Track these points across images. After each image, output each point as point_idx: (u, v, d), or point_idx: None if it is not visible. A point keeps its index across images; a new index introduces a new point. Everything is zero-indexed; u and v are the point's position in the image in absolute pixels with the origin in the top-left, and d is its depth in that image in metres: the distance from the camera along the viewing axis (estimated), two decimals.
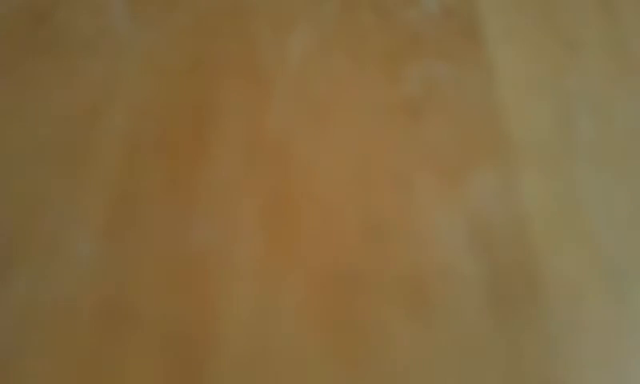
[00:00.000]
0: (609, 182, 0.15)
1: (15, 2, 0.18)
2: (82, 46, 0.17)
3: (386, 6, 0.18)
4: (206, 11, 0.18)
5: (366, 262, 0.14)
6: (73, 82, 0.16)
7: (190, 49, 0.17)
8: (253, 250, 0.14)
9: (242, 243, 0.14)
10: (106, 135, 0.15)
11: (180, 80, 0.16)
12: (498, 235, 0.14)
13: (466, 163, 0.15)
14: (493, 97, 0.16)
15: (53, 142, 0.15)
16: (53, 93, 0.16)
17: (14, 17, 0.17)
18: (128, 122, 0.15)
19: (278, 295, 0.13)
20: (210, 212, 0.14)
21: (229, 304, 0.13)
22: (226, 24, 0.17)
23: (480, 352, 0.13)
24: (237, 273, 0.13)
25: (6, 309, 0.13)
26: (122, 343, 0.12)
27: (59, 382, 0.12)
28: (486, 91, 0.16)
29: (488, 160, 0.15)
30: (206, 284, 0.13)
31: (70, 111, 0.16)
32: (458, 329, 0.13)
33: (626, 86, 0.16)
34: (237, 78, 0.16)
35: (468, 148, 0.15)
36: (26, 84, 0.16)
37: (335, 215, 0.14)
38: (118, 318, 0.13)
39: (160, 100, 0.16)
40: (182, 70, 0.16)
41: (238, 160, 0.15)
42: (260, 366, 0.12)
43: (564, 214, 0.14)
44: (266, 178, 0.15)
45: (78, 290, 0.13)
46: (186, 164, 0.15)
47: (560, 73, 0.17)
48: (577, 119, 0.16)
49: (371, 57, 0.17)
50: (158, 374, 0.12)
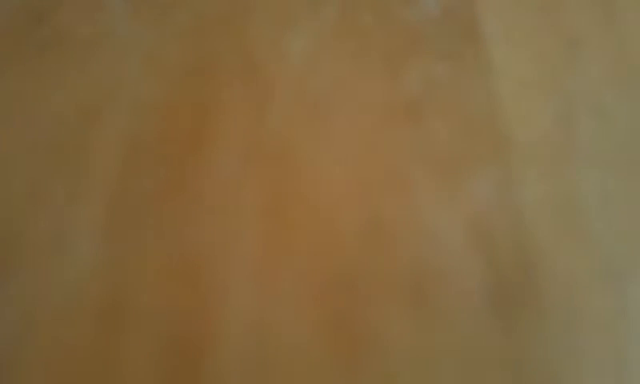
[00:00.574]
0: (609, 182, 0.15)
1: (15, 2, 0.18)
2: (82, 46, 0.17)
3: (386, 6, 0.18)
4: (206, 11, 0.18)
5: (365, 262, 0.14)
6: (73, 82, 0.16)
7: (190, 49, 0.17)
8: (253, 250, 0.14)
9: (241, 243, 0.14)
10: (106, 135, 0.15)
11: (180, 80, 0.16)
12: (497, 235, 0.14)
13: (466, 163, 0.15)
14: (493, 97, 0.16)
15: (53, 141, 0.15)
16: (53, 93, 0.16)
17: (13, 17, 0.17)
18: (128, 121, 0.15)
19: (277, 295, 0.13)
20: (210, 212, 0.14)
21: (228, 304, 0.13)
22: (226, 24, 0.17)
23: (480, 352, 0.13)
24: (237, 273, 0.13)
25: (6, 309, 0.13)
26: (122, 343, 0.12)
27: (59, 382, 0.12)
28: (486, 91, 0.16)
29: (488, 160, 0.15)
30: (206, 284, 0.13)
31: (70, 111, 0.16)
32: (457, 329, 0.13)
33: (626, 86, 0.16)
34: (237, 77, 0.16)
35: (468, 148, 0.15)
36: (26, 84, 0.16)
37: (335, 215, 0.14)
38: (117, 317, 0.13)
39: (160, 100, 0.16)
40: (182, 70, 0.16)
41: (237, 160, 0.15)
42: (260, 366, 0.12)
43: (564, 214, 0.14)
44: (266, 178, 0.15)
45: (77, 290, 0.13)
46: (186, 164, 0.15)
47: (560, 73, 0.17)
48: (577, 119, 0.16)
49: (371, 57, 0.17)
50: (157, 374, 0.12)
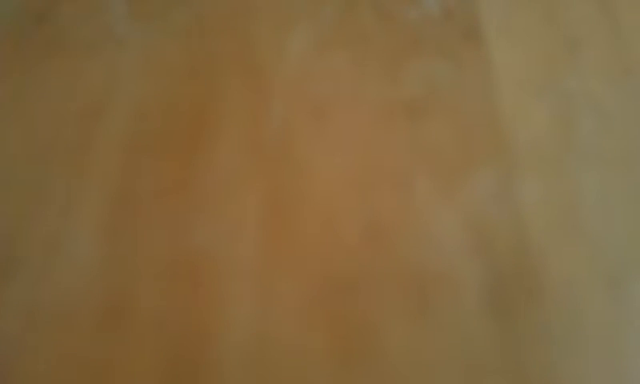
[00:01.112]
0: (609, 182, 0.15)
1: (15, 2, 0.18)
2: (82, 46, 0.17)
3: (386, 6, 0.18)
4: (206, 11, 0.18)
5: (365, 262, 0.14)
6: (73, 81, 0.16)
7: (190, 49, 0.17)
8: (252, 250, 0.14)
9: (241, 243, 0.14)
10: (106, 135, 0.15)
11: (180, 80, 0.16)
12: (497, 235, 0.14)
13: (465, 163, 0.15)
14: (493, 97, 0.16)
15: (53, 141, 0.15)
16: (53, 93, 0.16)
17: (13, 17, 0.17)
18: (128, 121, 0.15)
19: (277, 296, 0.13)
20: (210, 212, 0.14)
21: (228, 304, 0.13)
22: (226, 24, 0.17)
23: (480, 353, 0.13)
24: (236, 273, 0.13)
25: (6, 309, 0.13)
26: (122, 343, 0.12)
27: (59, 382, 0.12)
28: (486, 91, 0.16)
29: (488, 160, 0.15)
30: (206, 284, 0.13)
31: (70, 111, 0.16)
32: (457, 329, 0.13)
33: (626, 86, 0.16)
34: (237, 77, 0.16)
35: (468, 148, 0.15)
36: (26, 84, 0.16)
37: (335, 215, 0.14)
38: (117, 317, 0.13)
39: (160, 100, 0.16)
40: (182, 70, 0.16)
41: (237, 160, 0.15)
42: (259, 366, 0.12)
43: (564, 214, 0.14)
44: (266, 178, 0.15)
45: (77, 290, 0.13)
46: (186, 164, 0.15)
47: (560, 73, 0.17)
48: (577, 119, 0.16)
49: (371, 57, 0.17)
50: (157, 374, 0.12)
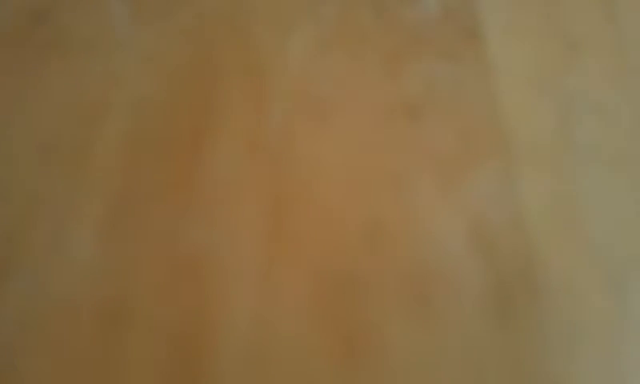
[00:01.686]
0: (609, 181, 0.15)
1: (15, 2, 0.18)
2: (82, 46, 0.17)
3: (386, 5, 0.18)
4: (206, 11, 0.18)
5: (365, 262, 0.14)
6: (73, 81, 0.16)
7: (190, 49, 0.17)
8: (253, 250, 0.14)
9: (241, 243, 0.14)
10: (106, 135, 0.15)
11: (180, 80, 0.16)
12: (497, 235, 0.14)
13: (465, 163, 0.15)
14: (493, 97, 0.16)
15: (52, 141, 0.15)
16: (52, 93, 0.16)
17: (14, 17, 0.17)
18: (128, 121, 0.15)
19: (277, 296, 0.13)
20: (210, 212, 0.14)
21: (229, 304, 0.13)
22: (226, 24, 0.17)
23: (480, 352, 0.13)
24: (237, 273, 0.13)
25: (6, 309, 0.13)
26: (122, 343, 0.12)
27: (59, 382, 0.12)
28: (486, 91, 0.16)
29: (488, 160, 0.15)
30: (206, 284, 0.13)
31: (70, 111, 0.16)
32: (458, 329, 0.13)
33: (626, 86, 0.16)
34: (237, 77, 0.16)
35: (468, 148, 0.15)
36: (26, 84, 0.16)
37: (335, 215, 0.14)
38: (117, 317, 0.13)
39: (160, 100, 0.16)
40: (182, 70, 0.16)
41: (237, 160, 0.15)
42: (260, 366, 0.12)
43: (564, 214, 0.14)
44: (266, 178, 0.15)
45: (77, 290, 0.13)
46: (186, 164, 0.15)
47: (560, 73, 0.17)
48: (577, 119, 0.16)
49: (371, 57, 0.17)
50: (157, 374, 0.12)
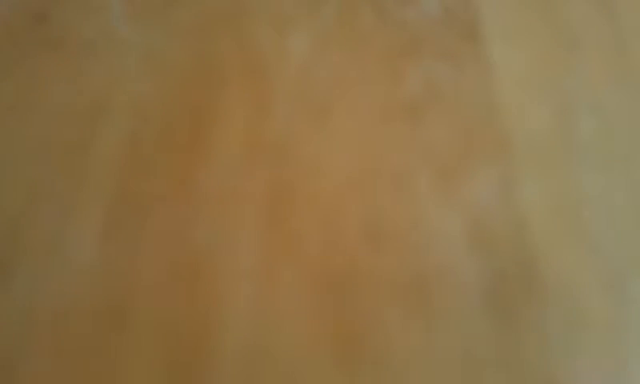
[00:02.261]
0: (609, 181, 0.15)
1: (15, 2, 0.18)
2: (82, 46, 0.17)
3: (386, 6, 0.18)
4: (206, 11, 0.18)
5: (365, 261, 0.14)
6: (73, 81, 0.16)
7: (190, 49, 0.17)
8: (253, 250, 0.14)
9: (241, 242, 0.14)
10: (106, 135, 0.15)
11: (180, 80, 0.16)
12: (497, 235, 0.14)
13: (465, 163, 0.15)
14: (493, 97, 0.16)
15: (53, 141, 0.15)
16: (53, 93, 0.16)
17: (13, 17, 0.17)
18: (128, 121, 0.15)
19: (277, 295, 0.13)
20: (210, 212, 0.14)
21: (229, 304, 0.13)
22: (226, 24, 0.17)
23: (480, 352, 0.13)
24: (237, 273, 0.13)
25: (6, 309, 0.13)
26: (122, 343, 0.12)
27: (59, 382, 0.12)
28: (486, 91, 0.16)
29: (488, 160, 0.15)
30: (206, 284, 0.13)
31: (70, 111, 0.16)
32: (457, 328, 0.13)
33: (626, 86, 0.16)
34: (237, 77, 0.16)
35: (468, 148, 0.15)
36: (26, 84, 0.16)
37: (335, 215, 0.14)
38: (117, 317, 0.13)
39: (160, 100, 0.16)
40: (181, 70, 0.16)
41: (238, 160, 0.15)
42: (260, 366, 0.12)
43: (564, 214, 0.14)
44: (266, 178, 0.15)
45: (77, 290, 0.13)
46: (186, 164, 0.15)
47: (560, 73, 0.17)
48: (577, 119, 0.16)
49: (371, 57, 0.17)
50: (157, 374, 0.12)
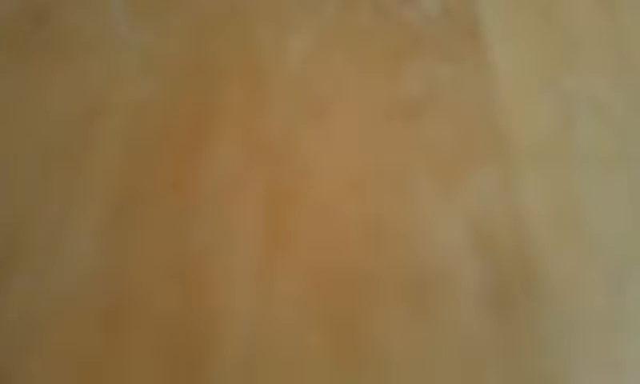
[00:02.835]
0: (609, 182, 0.15)
1: (15, 2, 0.18)
2: (81, 46, 0.17)
3: (386, 6, 0.18)
4: (206, 11, 0.18)
5: (365, 262, 0.14)
6: (73, 81, 0.16)
7: (190, 49, 0.17)
8: (252, 250, 0.14)
9: (241, 243, 0.14)
10: (106, 135, 0.15)
11: (180, 80, 0.16)
12: (497, 235, 0.14)
13: (465, 163, 0.15)
14: (493, 97, 0.16)
15: (53, 141, 0.15)
16: (53, 93, 0.16)
17: (13, 17, 0.17)
18: (128, 121, 0.15)
19: (277, 296, 0.13)
20: (210, 212, 0.14)
21: (229, 304, 0.13)
22: (226, 24, 0.17)
23: (480, 352, 0.13)
24: (236, 272, 0.13)
25: (6, 309, 0.13)
26: (122, 343, 0.12)
27: (59, 382, 0.12)
28: (486, 91, 0.16)
29: (488, 160, 0.15)
30: (206, 284, 0.13)
31: (70, 111, 0.16)
32: (456, 328, 0.13)
33: (626, 86, 0.16)
34: (237, 77, 0.16)
35: (468, 148, 0.15)
36: (26, 84, 0.16)
37: (335, 215, 0.14)
38: (117, 317, 0.13)
39: (160, 100, 0.16)
40: (181, 70, 0.16)
41: (237, 160, 0.15)
42: (260, 366, 0.12)
43: (564, 214, 0.14)
44: (266, 178, 0.15)
45: (77, 290, 0.13)
46: (186, 164, 0.15)
47: (560, 73, 0.17)
48: (577, 119, 0.16)
49: (371, 57, 0.17)
50: (158, 374, 0.12)
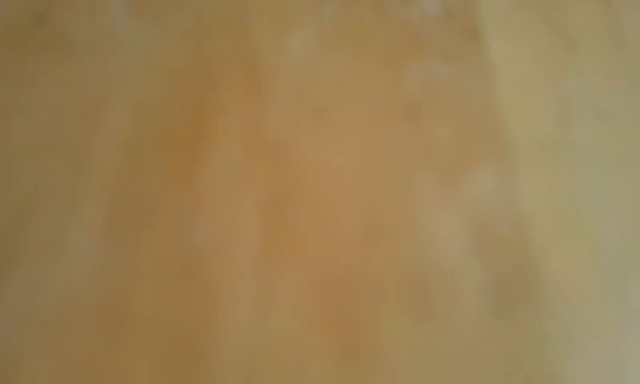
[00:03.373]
0: (609, 182, 0.15)
1: (15, 2, 0.18)
2: (82, 46, 0.17)
3: (386, 5, 0.18)
4: (206, 11, 0.18)
5: (365, 262, 0.14)
6: (73, 81, 0.16)
7: (190, 49, 0.17)
8: (253, 250, 0.14)
9: (241, 243, 0.14)
10: (106, 135, 0.15)
11: (180, 80, 0.16)
12: (497, 235, 0.14)
13: (465, 163, 0.15)
14: (493, 97, 0.16)
15: (52, 141, 0.15)
16: (53, 93, 0.16)
17: (13, 17, 0.17)
18: (128, 121, 0.15)
19: (277, 295, 0.13)
20: (210, 212, 0.14)
21: (228, 304, 0.13)
22: (226, 24, 0.17)
23: (480, 352, 0.13)
24: (236, 273, 0.13)
25: (5, 309, 0.13)
26: (122, 343, 0.12)
27: (59, 382, 0.12)
28: (486, 91, 0.16)
29: (488, 160, 0.15)
30: (206, 284, 0.13)
31: (70, 111, 0.16)
32: (457, 329, 0.13)
33: (626, 86, 0.16)
34: (237, 77, 0.16)
35: (468, 148, 0.15)
36: (26, 84, 0.16)
37: (335, 215, 0.14)
38: (117, 317, 0.13)
39: (160, 100, 0.16)
40: (181, 70, 0.16)
41: (237, 160, 0.15)
42: (260, 366, 0.12)
43: (564, 214, 0.14)
44: (266, 177, 0.15)
45: (77, 290, 0.13)
46: (186, 164, 0.15)
47: (560, 73, 0.17)
48: (577, 119, 0.16)
49: (371, 57, 0.17)
50: (157, 374, 0.12)
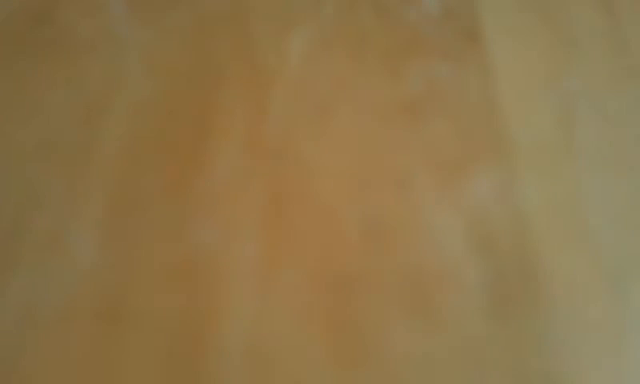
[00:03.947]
0: (609, 182, 0.15)
1: (15, 2, 0.18)
2: (82, 46, 0.17)
3: (386, 5, 0.18)
4: (206, 11, 0.18)
5: (365, 262, 0.14)
6: (73, 81, 0.16)
7: (190, 49, 0.17)
8: (253, 250, 0.14)
9: (241, 243, 0.14)
10: (106, 135, 0.15)
11: (180, 80, 0.16)
12: (497, 235, 0.14)
13: (465, 163, 0.15)
14: (493, 97, 0.16)
15: (52, 141, 0.15)
16: (53, 93, 0.16)
17: (13, 17, 0.17)
18: (128, 122, 0.15)
19: (277, 296, 0.13)
20: (210, 212, 0.14)
21: (228, 304, 0.13)
22: (226, 24, 0.17)
23: (480, 352, 0.13)
24: (237, 272, 0.13)
25: (5, 309, 0.13)
26: (122, 343, 0.12)
27: (59, 382, 0.12)
28: (486, 91, 0.16)
29: (488, 160, 0.15)
30: (206, 284, 0.13)
31: (70, 111, 0.16)
32: (457, 329, 0.13)
33: (626, 86, 0.16)
34: (237, 77, 0.16)
35: (468, 148, 0.15)
36: (26, 84, 0.16)
37: (335, 215, 0.14)
38: (117, 317, 0.13)
39: (160, 100, 0.16)
40: (181, 70, 0.16)
41: (237, 160, 0.15)
42: (260, 366, 0.12)
43: (564, 214, 0.14)
44: (266, 177, 0.15)
45: (77, 290, 0.13)
46: (186, 164, 0.15)
47: (560, 73, 0.17)
48: (577, 119, 0.16)
49: (371, 57, 0.17)
50: (157, 374, 0.12)
